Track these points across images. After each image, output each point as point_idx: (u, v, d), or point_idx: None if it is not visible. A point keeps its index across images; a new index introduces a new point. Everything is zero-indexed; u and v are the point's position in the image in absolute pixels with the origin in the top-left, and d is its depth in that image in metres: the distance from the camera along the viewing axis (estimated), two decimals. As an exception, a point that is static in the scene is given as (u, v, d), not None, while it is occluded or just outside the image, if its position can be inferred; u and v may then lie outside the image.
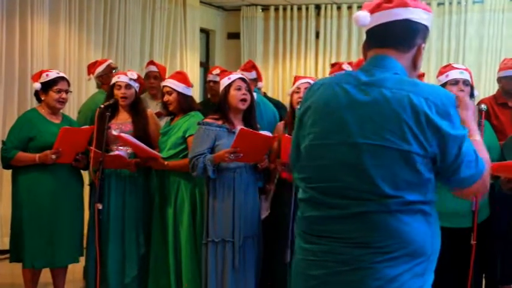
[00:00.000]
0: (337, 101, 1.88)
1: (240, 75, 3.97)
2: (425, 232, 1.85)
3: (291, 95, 4.10)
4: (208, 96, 5.81)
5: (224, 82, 3.93)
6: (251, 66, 5.16)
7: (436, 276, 3.75)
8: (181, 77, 4.26)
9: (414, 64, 1.94)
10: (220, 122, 3.88)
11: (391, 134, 1.78)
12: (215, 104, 4.26)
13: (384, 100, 1.80)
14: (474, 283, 3.35)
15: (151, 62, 5.67)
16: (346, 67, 4.93)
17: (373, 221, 1.80)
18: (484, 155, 1.94)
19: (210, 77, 5.49)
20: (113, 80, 4.29)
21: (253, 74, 5.01)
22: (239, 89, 3.87)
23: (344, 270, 1.84)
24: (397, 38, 1.90)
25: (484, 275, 4.14)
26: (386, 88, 1.82)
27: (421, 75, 5.24)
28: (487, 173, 1.90)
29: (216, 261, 3.85)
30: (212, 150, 3.82)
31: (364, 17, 1.89)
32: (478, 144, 1.97)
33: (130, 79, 4.23)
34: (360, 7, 8.54)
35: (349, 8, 8.85)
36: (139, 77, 4.38)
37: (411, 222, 1.81)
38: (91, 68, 5.25)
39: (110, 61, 5.32)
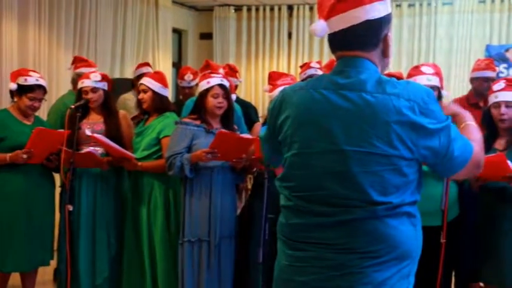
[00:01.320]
0: (317, 108, 1.84)
1: (220, 82, 3.90)
2: (411, 234, 1.86)
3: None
4: (180, 97, 5.79)
5: (203, 85, 3.91)
6: (233, 70, 5.14)
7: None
8: (158, 76, 4.24)
9: (384, 54, 1.91)
10: (198, 122, 3.87)
11: (377, 139, 1.77)
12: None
13: (366, 105, 1.78)
14: (443, 281, 3.39)
15: (146, 64, 5.65)
16: (314, 65, 4.96)
17: (361, 228, 1.80)
18: (477, 135, 1.98)
19: (184, 83, 5.47)
20: (78, 86, 4.26)
21: (236, 81, 4.98)
22: (216, 97, 3.85)
23: (333, 276, 1.83)
24: (361, 41, 1.85)
25: (453, 273, 4.20)
26: (367, 92, 1.79)
27: (399, 76, 5.29)
28: (477, 154, 1.91)
29: (192, 261, 3.84)
30: (189, 149, 3.81)
31: (322, 30, 1.82)
32: (471, 127, 2.02)
33: (95, 81, 4.20)
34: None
35: None
36: (104, 76, 4.33)
37: (398, 226, 1.82)
38: (78, 62, 5.17)
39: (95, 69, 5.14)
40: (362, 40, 1.85)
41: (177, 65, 9.13)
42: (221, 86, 3.88)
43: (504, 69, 7.75)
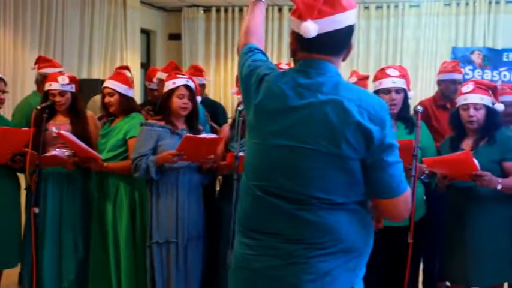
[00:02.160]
0: (275, 102, 1.91)
1: (186, 82, 3.88)
2: (358, 230, 1.92)
3: None
4: (149, 98, 5.75)
5: (168, 85, 3.88)
6: (199, 70, 5.12)
7: (374, 274, 3.83)
8: (122, 78, 4.20)
9: (344, 59, 1.98)
10: (162, 123, 3.85)
11: (324, 138, 1.83)
12: (155, 105, 4.20)
13: (319, 104, 1.84)
14: (411, 280, 3.43)
15: (125, 67, 5.58)
16: (284, 67, 4.97)
17: (306, 220, 1.87)
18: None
19: (152, 85, 5.43)
20: (46, 88, 4.20)
21: (202, 80, 4.97)
22: (181, 98, 3.83)
23: (280, 265, 1.91)
24: (338, 46, 1.92)
25: (422, 272, 4.25)
26: (322, 93, 1.85)
27: (366, 78, 5.33)
28: (406, 199, 1.93)
29: (161, 263, 3.81)
30: (155, 150, 3.79)
31: (314, 30, 1.84)
32: None
33: (62, 84, 4.14)
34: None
35: (291, 10, 8.89)
36: (72, 78, 4.27)
37: (343, 221, 1.88)
38: (41, 62, 5.08)
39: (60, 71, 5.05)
40: (338, 46, 1.92)
41: (146, 65, 9.07)
42: (187, 86, 3.86)
43: (470, 71, 7.87)
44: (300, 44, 1.94)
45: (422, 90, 8.27)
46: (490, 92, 3.59)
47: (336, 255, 1.88)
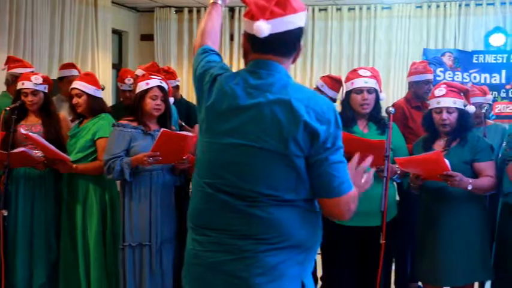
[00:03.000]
0: (226, 102, 1.97)
1: (159, 83, 3.86)
2: (306, 227, 1.99)
3: None
4: (121, 99, 5.70)
5: (141, 86, 3.85)
6: (170, 73, 5.08)
7: (347, 274, 3.85)
8: (90, 78, 4.17)
9: (294, 61, 2.05)
10: (135, 124, 3.82)
11: (271, 137, 1.90)
12: (128, 106, 4.18)
13: (267, 104, 1.91)
14: (383, 281, 3.44)
15: (72, 65, 5.49)
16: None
17: (257, 216, 1.94)
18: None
19: (124, 87, 5.38)
20: (18, 87, 4.15)
21: (174, 82, 4.93)
22: (154, 99, 3.80)
23: (230, 260, 1.97)
24: (288, 47, 1.99)
25: (394, 273, 4.27)
26: (272, 93, 1.92)
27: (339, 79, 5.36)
28: (354, 197, 1.98)
29: (134, 265, 3.78)
30: (127, 152, 3.75)
31: (267, 29, 1.90)
32: None
33: (36, 84, 4.09)
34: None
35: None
36: (46, 78, 4.23)
37: (292, 218, 1.95)
38: (11, 62, 4.99)
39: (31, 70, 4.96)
40: (289, 47, 1.99)
41: (117, 66, 8.99)
42: (160, 88, 3.84)
43: (441, 72, 7.94)
44: (251, 45, 2.00)
45: (394, 91, 8.33)
46: (462, 94, 3.63)
47: (285, 250, 1.95)
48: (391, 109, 3.50)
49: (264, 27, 1.89)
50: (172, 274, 3.88)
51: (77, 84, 4.09)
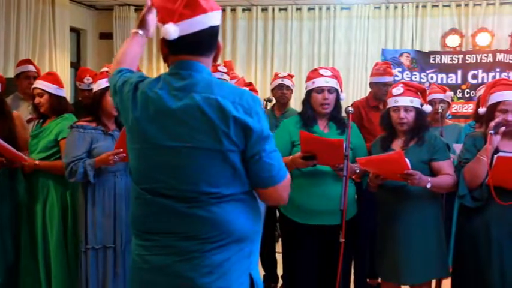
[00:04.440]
0: (153, 107, 1.98)
1: None
2: (247, 218, 2.03)
3: None
4: (80, 98, 5.62)
5: (101, 84, 3.79)
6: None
7: (307, 273, 3.86)
8: (52, 78, 4.12)
9: (215, 60, 2.11)
10: (94, 124, 3.76)
11: (204, 135, 1.93)
12: (87, 105, 4.13)
13: (195, 104, 1.93)
14: (343, 278, 3.47)
15: (28, 61, 5.39)
16: (222, 69, 4.97)
17: (199, 216, 1.96)
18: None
19: (83, 86, 5.31)
20: None
21: None
22: None
23: (177, 261, 1.99)
24: (204, 46, 2.03)
25: (353, 270, 4.31)
26: (197, 92, 1.95)
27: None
28: (287, 184, 2.06)
29: (97, 268, 3.72)
30: (89, 153, 3.69)
31: (175, 32, 1.95)
32: None
33: None
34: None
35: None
36: None
37: (232, 213, 1.99)
38: None
39: None
40: (205, 47, 2.03)
41: (76, 65, 8.87)
42: None
43: (399, 72, 8.07)
44: (169, 48, 2.04)
45: (354, 91, 8.42)
46: (419, 94, 3.68)
47: (230, 245, 1.99)
48: (350, 109, 3.52)
49: (171, 30, 1.94)
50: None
51: (39, 84, 4.04)
